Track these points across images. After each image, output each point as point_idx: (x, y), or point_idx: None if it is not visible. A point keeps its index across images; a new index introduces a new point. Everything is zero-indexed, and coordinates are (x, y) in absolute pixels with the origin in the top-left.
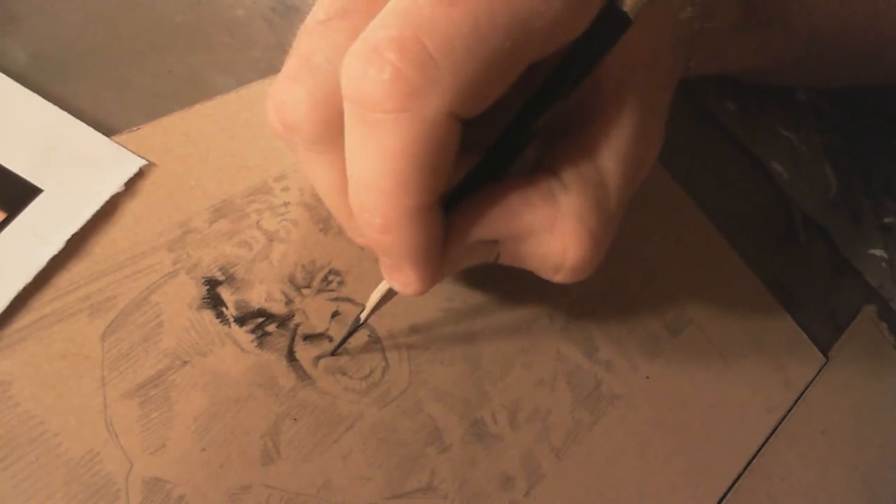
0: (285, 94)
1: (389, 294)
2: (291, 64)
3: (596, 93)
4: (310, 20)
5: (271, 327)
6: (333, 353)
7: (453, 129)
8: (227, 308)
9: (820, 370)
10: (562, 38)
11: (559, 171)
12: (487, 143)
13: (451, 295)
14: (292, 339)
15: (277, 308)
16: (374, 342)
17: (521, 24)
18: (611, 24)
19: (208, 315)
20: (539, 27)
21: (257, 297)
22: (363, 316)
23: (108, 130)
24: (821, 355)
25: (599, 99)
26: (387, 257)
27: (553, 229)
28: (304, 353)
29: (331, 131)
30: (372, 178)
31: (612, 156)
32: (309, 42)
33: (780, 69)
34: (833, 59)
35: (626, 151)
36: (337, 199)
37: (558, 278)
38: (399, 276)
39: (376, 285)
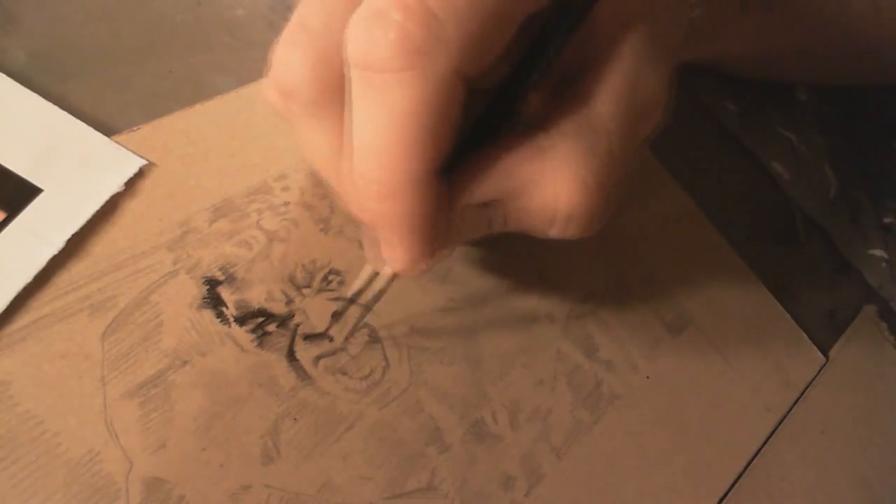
0: (282, 59)
1: (385, 282)
2: (288, 30)
3: (588, 47)
4: None
5: (271, 327)
6: (347, 337)
7: (458, 91)
8: (227, 308)
9: (820, 370)
10: None
11: (551, 123)
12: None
13: (451, 295)
14: (292, 339)
15: (278, 308)
16: (374, 342)
17: None
18: None
19: (208, 315)
20: None
21: (257, 297)
22: (350, 294)
23: (108, 130)
24: (821, 355)
25: (591, 53)
26: (385, 230)
27: (542, 179)
28: (305, 352)
29: (328, 93)
30: (378, 142)
31: (604, 99)
32: (305, 8)
33: (781, 60)
34: (832, 52)
35: (620, 94)
36: (333, 166)
37: (554, 231)
38: (394, 252)
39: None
